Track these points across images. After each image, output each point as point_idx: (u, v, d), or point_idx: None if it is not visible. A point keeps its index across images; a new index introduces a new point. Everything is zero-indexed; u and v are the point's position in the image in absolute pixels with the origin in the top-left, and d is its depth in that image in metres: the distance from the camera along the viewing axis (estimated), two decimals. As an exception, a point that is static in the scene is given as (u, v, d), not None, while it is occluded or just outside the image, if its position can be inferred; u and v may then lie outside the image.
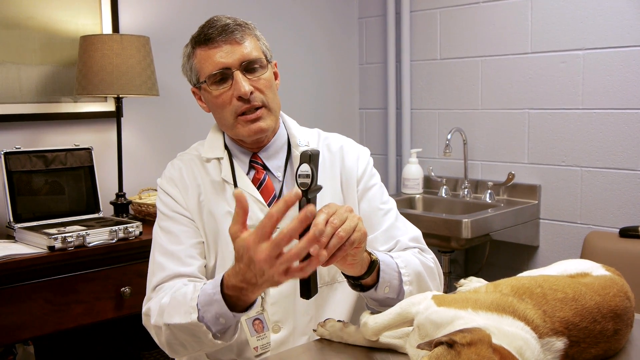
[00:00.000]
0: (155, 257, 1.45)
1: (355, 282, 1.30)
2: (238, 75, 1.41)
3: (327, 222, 1.11)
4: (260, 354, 1.42)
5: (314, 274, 1.15)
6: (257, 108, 1.44)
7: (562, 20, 2.78)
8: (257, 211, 1.45)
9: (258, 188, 1.49)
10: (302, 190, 1.13)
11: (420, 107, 3.37)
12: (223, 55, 1.42)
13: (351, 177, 1.54)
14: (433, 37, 3.26)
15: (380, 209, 1.53)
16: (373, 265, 1.27)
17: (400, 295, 1.33)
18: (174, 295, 1.32)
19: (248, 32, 1.47)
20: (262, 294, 1.45)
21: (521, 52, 2.93)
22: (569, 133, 2.81)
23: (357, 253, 1.19)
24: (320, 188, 1.16)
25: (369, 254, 1.27)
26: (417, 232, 1.54)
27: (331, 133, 1.64)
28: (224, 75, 1.43)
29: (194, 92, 1.56)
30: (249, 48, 1.44)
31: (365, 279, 1.27)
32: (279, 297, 1.46)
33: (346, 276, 1.30)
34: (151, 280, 1.43)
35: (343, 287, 1.49)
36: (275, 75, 1.54)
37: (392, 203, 1.57)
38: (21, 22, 2.43)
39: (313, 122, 1.69)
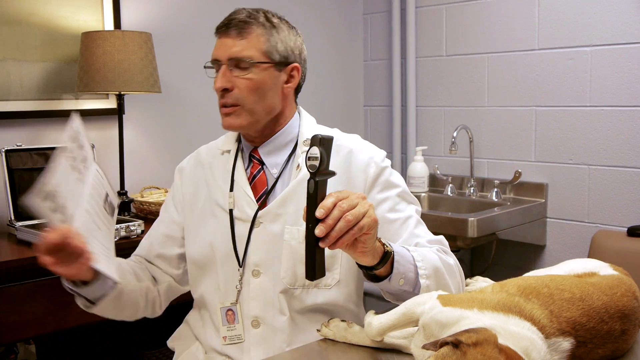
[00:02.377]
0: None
1: (369, 272, 1.29)
2: (222, 69, 1.47)
3: (335, 205, 1.13)
4: (228, 345, 1.49)
5: (321, 255, 1.16)
6: (229, 105, 1.48)
7: (570, 16, 2.75)
8: (245, 205, 1.50)
9: (251, 182, 1.53)
10: (310, 172, 1.14)
11: (425, 104, 3.35)
12: (219, 47, 1.48)
13: (356, 187, 1.48)
14: (439, 34, 3.24)
15: (395, 220, 1.47)
16: (387, 256, 1.27)
17: (416, 289, 1.32)
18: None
19: (255, 29, 1.47)
20: (239, 286, 1.49)
21: (528, 48, 2.90)
22: (576, 131, 2.78)
23: (367, 240, 1.19)
24: (332, 173, 1.17)
25: (383, 244, 1.27)
26: (439, 237, 1.50)
27: (350, 135, 1.59)
28: (216, 66, 1.49)
29: None
30: (242, 46, 1.45)
31: (379, 269, 1.27)
32: (259, 292, 1.47)
33: (360, 266, 1.30)
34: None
35: (323, 293, 1.48)
36: (289, 78, 1.53)
37: (410, 210, 1.50)
38: (22, 18, 2.42)
39: (317, 120, 1.66)
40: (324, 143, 1.14)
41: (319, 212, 1.12)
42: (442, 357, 0.89)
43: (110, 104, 2.65)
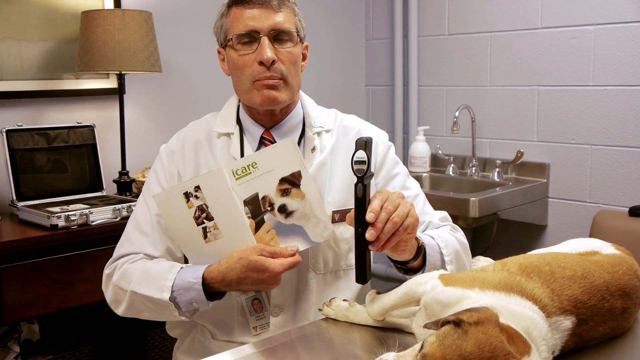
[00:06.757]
0: (129, 229, 1.49)
1: (402, 266, 1.32)
2: (265, 40, 1.42)
3: (381, 207, 1.15)
4: (259, 334, 1.42)
5: (370, 258, 1.19)
6: (276, 78, 1.43)
7: (574, -6, 2.73)
8: None
9: None
10: (358, 176, 1.16)
11: (427, 83, 3.33)
12: (256, 17, 1.42)
13: None
14: (441, 12, 3.21)
15: (407, 197, 1.45)
16: (420, 250, 1.31)
17: None
18: (145, 267, 1.38)
19: (287, 4, 1.47)
20: None
21: (531, 27, 2.88)
22: (579, 110, 2.77)
23: (409, 239, 1.22)
24: (372, 175, 1.20)
25: (416, 238, 1.30)
26: (445, 213, 1.55)
27: (348, 115, 1.61)
28: (251, 38, 1.43)
29: (218, 52, 1.55)
30: (283, 18, 1.44)
31: (412, 263, 1.30)
32: (283, 278, 1.44)
33: (392, 260, 1.32)
34: (119, 249, 1.47)
35: (347, 275, 1.49)
36: (304, 56, 1.54)
37: (417, 187, 1.56)
38: (22, -3, 2.40)
39: (318, 99, 1.66)
40: (368, 146, 1.17)
41: (370, 216, 1.14)
42: (444, 335, 0.89)
43: (111, 83, 2.63)
